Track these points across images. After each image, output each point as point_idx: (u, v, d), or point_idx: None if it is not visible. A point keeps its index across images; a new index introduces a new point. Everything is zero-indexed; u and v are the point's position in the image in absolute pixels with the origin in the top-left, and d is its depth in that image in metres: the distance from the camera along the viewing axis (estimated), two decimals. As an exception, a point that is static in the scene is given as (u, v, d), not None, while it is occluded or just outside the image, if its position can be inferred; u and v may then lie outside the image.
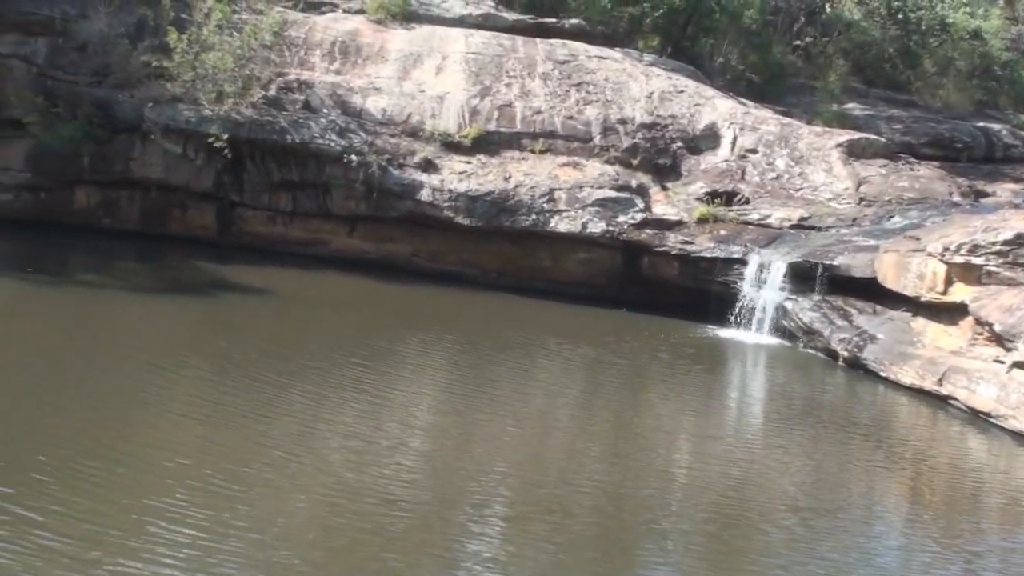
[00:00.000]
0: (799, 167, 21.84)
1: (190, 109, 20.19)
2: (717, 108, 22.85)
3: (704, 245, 19.89)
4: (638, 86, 22.88)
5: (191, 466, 9.92)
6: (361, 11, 23.25)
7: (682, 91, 23.10)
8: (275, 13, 21.58)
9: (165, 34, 20.33)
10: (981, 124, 27.97)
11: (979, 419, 14.70)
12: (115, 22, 20.80)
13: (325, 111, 21.06)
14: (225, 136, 19.70)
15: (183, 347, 14.44)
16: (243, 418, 11.54)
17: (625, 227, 20.32)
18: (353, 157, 20.32)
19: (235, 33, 20.70)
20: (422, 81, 21.99)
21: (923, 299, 16.73)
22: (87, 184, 20.80)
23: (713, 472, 11.66)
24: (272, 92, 20.99)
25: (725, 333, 19.17)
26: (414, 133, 21.24)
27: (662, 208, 20.81)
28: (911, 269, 16.90)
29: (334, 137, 20.52)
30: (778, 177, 21.78)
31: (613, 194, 20.66)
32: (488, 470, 10.90)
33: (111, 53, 20.69)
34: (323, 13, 23.15)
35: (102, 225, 20.90)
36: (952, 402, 15.32)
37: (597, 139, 21.82)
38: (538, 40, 23.59)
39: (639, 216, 20.42)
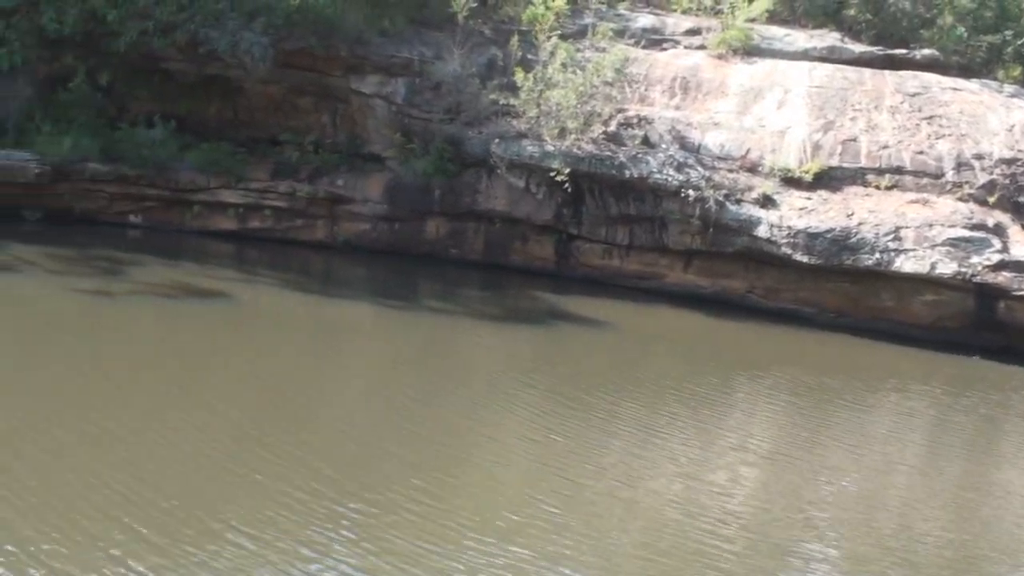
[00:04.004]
0: None
1: (534, 144, 20.93)
2: (1089, 142, 20.96)
3: (1070, 290, 18.31)
4: (997, 119, 21.42)
5: (514, 502, 10.02)
6: (702, 47, 23.28)
7: (1048, 123, 21.39)
8: (618, 51, 21.99)
9: (512, 73, 21.28)
10: None
11: None
12: (467, 63, 21.93)
13: (663, 146, 21.17)
14: (566, 170, 20.30)
15: (519, 375, 14.85)
16: (569, 455, 11.56)
17: (979, 268, 19.07)
18: (690, 192, 20.29)
19: (578, 71, 21.28)
20: (762, 116, 21.64)
21: None
22: (437, 215, 22.01)
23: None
24: (612, 127, 21.38)
25: (1094, 388, 17.54)
26: (752, 168, 20.94)
27: (1022, 249, 19.33)
28: None
29: (672, 172, 20.58)
30: None
31: (966, 233, 19.43)
32: (814, 526, 10.40)
33: (463, 92, 21.82)
34: (664, 50, 23.34)
35: (449, 255, 22.03)
36: None
37: (949, 175, 20.60)
38: (887, 72, 22.66)
39: (996, 257, 19.10)
